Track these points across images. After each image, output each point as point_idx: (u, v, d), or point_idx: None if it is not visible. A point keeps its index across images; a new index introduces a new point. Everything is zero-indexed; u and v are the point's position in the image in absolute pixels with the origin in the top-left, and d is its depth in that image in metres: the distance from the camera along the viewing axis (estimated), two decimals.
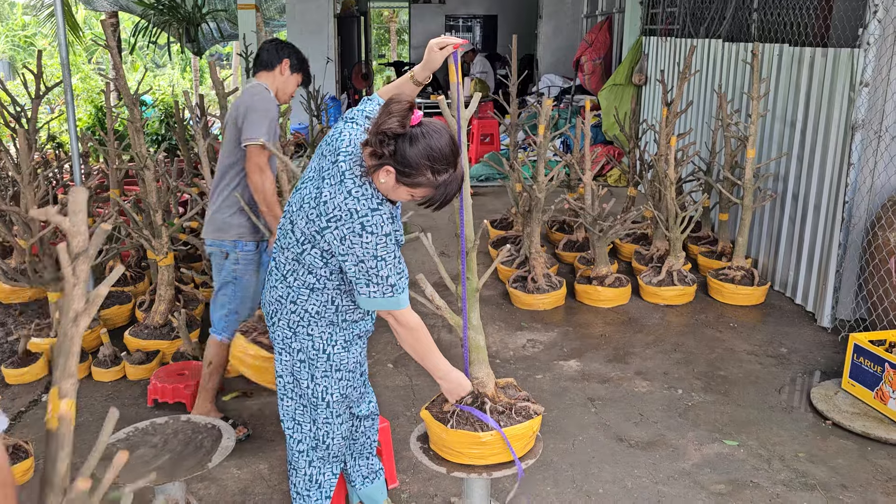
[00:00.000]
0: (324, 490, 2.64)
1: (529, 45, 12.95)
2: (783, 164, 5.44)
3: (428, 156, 2.11)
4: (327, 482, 2.64)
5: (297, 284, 2.36)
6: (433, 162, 2.12)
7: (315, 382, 2.44)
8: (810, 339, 4.68)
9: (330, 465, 2.62)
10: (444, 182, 2.15)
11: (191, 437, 2.56)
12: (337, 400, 2.49)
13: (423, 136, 2.12)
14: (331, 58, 11.22)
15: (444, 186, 2.16)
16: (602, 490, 3.18)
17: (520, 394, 2.59)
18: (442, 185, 2.16)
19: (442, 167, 2.13)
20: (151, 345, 4.31)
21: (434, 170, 2.13)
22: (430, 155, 2.11)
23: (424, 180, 2.14)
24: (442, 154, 2.12)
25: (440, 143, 2.13)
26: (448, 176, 2.15)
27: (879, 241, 4.38)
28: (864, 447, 3.49)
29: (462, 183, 2.24)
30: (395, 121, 2.11)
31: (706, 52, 6.83)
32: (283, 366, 2.48)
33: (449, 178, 2.16)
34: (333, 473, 2.65)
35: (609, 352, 4.53)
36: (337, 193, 2.19)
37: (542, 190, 5.18)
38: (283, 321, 2.41)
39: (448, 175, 2.15)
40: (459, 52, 2.31)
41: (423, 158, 2.11)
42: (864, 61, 4.41)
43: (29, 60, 15.21)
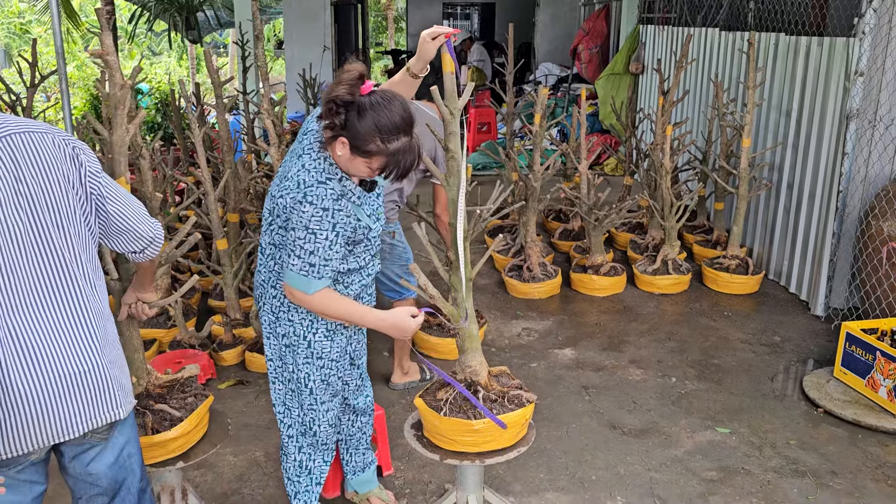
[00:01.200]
0: (314, 476, 2.67)
1: (527, 34, 12.92)
2: (778, 154, 5.45)
3: (376, 123, 2.09)
4: (317, 469, 2.67)
5: (276, 269, 2.38)
6: (382, 130, 2.10)
7: (298, 368, 2.47)
8: (804, 327, 4.71)
9: (320, 452, 2.65)
10: (396, 150, 2.13)
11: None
12: (319, 387, 2.50)
13: (371, 105, 2.10)
14: (327, 46, 11.19)
15: (398, 154, 2.13)
16: (595, 477, 3.21)
17: (513, 382, 2.61)
18: (394, 153, 2.13)
19: (392, 135, 2.11)
20: (148, 333, 4.33)
21: (384, 138, 2.11)
22: (377, 122, 2.09)
23: (375, 148, 2.12)
24: (391, 121, 2.10)
25: (389, 110, 2.11)
26: (400, 144, 2.13)
27: (873, 230, 4.40)
28: (854, 434, 3.53)
29: (417, 152, 2.19)
30: (344, 89, 2.10)
31: (703, 40, 6.82)
32: (271, 350, 2.51)
33: (402, 146, 2.13)
34: (324, 461, 2.68)
35: (603, 340, 4.55)
36: (293, 166, 2.23)
37: (537, 179, 5.19)
38: (267, 305, 2.44)
39: (400, 143, 2.12)
40: (453, 40, 2.31)
41: (371, 126, 2.09)
42: (860, 50, 4.41)
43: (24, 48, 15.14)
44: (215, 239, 4.37)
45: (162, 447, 2.38)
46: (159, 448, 2.38)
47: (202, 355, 4.07)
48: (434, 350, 4.28)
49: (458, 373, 2.55)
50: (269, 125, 4.28)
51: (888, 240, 4.29)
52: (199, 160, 4.15)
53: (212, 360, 4.13)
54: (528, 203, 5.28)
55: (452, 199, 2.36)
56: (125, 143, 2.39)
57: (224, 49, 20.72)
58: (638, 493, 3.11)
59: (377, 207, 2.41)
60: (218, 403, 3.73)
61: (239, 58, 8.16)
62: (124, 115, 2.37)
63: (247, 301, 4.71)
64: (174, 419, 2.41)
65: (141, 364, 2.47)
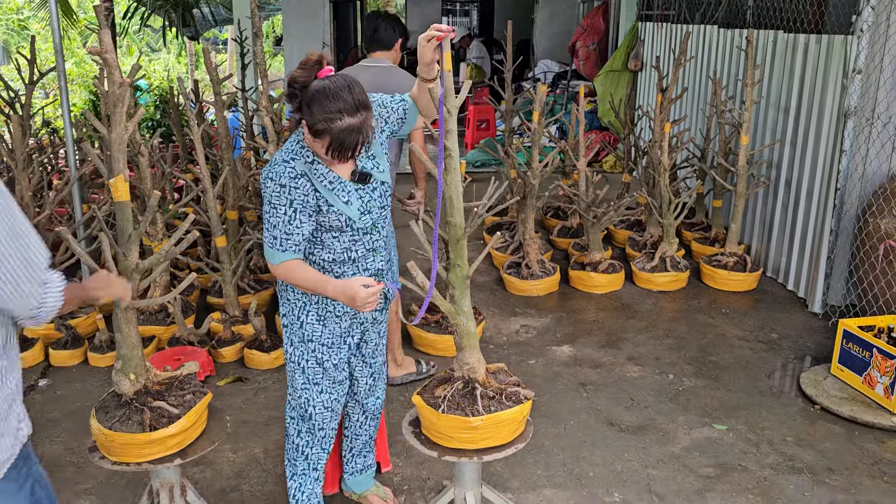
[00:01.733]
0: (310, 462, 2.71)
1: (526, 31, 12.90)
2: (776, 151, 5.46)
3: (322, 104, 2.18)
4: (314, 456, 2.71)
5: None
6: (326, 110, 2.17)
7: (294, 347, 2.54)
8: (801, 324, 4.73)
9: (319, 440, 2.67)
10: (339, 129, 2.19)
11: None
12: (312, 368, 2.54)
13: (321, 87, 2.20)
14: (326, 43, 11.17)
15: (341, 134, 2.19)
16: (592, 473, 3.22)
17: (510, 379, 2.62)
18: (338, 132, 2.19)
19: (336, 115, 2.18)
20: (147, 330, 4.34)
21: (328, 118, 2.18)
22: (323, 103, 2.18)
23: (323, 128, 2.19)
24: (336, 102, 2.17)
25: (336, 91, 2.18)
26: (344, 124, 2.19)
27: (870, 227, 4.41)
28: (851, 431, 3.54)
29: (363, 133, 2.24)
30: (301, 72, 2.23)
31: (702, 38, 6.82)
32: (282, 327, 2.59)
33: (345, 126, 2.19)
34: (323, 449, 2.70)
35: (602, 337, 4.56)
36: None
37: (536, 176, 5.19)
38: (278, 284, 2.55)
39: (344, 123, 2.18)
40: (449, 37, 2.32)
41: (318, 107, 2.18)
42: (858, 48, 4.41)
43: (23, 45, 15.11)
44: (214, 236, 4.38)
45: (160, 444, 2.39)
46: (157, 445, 2.39)
47: (201, 352, 4.07)
48: (432, 346, 4.29)
49: (455, 370, 2.56)
50: (267, 122, 4.30)
51: (885, 237, 4.30)
52: (197, 157, 4.15)
53: (211, 357, 4.14)
54: (526, 200, 5.29)
55: (450, 196, 2.37)
56: (124, 141, 2.40)
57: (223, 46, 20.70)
58: (635, 489, 3.12)
59: (369, 201, 2.42)
60: (217, 400, 3.74)
61: (238, 55, 8.16)
62: (123, 112, 2.37)
63: (246, 298, 4.71)
64: (172, 416, 2.42)
65: (139, 361, 2.48)
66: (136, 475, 3.15)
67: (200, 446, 2.50)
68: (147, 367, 2.52)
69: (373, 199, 2.43)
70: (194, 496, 2.65)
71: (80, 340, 4.30)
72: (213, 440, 2.54)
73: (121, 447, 2.38)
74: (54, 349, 4.21)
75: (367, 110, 2.24)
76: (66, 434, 3.52)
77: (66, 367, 4.20)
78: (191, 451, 2.47)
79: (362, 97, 2.23)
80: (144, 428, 2.36)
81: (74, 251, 2.44)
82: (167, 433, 2.38)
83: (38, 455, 3.31)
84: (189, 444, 2.48)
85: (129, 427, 2.37)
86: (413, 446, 2.54)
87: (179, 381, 2.59)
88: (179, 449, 2.45)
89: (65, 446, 3.42)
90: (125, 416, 2.40)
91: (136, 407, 2.41)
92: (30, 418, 1.85)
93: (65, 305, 1.79)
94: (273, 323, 4.67)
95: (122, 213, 2.43)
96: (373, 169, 2.43)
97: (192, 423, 2.46)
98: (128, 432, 2.36)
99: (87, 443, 2.54)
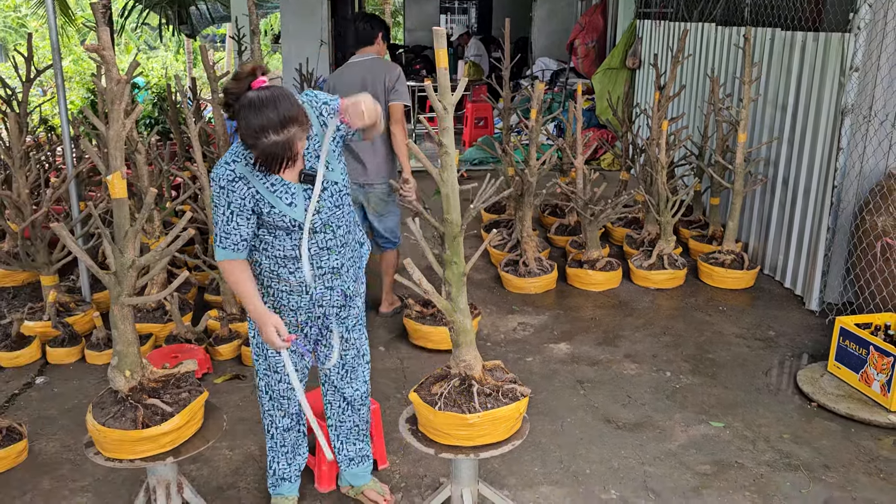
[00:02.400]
0: (276, 440, 2.84)
1: (524, 29, 12.88)
2: (774, 149, 5.46)
3: (249, 119, 2.18)
4: (279, 435, 2.83)
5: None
6: (251, 126, 2.17)
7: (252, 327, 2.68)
8: (798, 322, 4.73)
9: (280, 419, 2.80)
10: (264, 146, 2.19)
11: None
12: (256, 347, 2.69)
13: (251, 101, 2.19)
14: (324, 40, 11.16)
15: (266, 150, 2.20)
16: (589, 470, 3.23)
17: (507, 376, 2.63)
18: (263, 149, 2.20)
19: (261, 133, 2.17)
20: (144, 328, 4.34)
21: (254, 134, 2.18)
22: (249, 119, 2.17)
23: (251, 142, 2.21)
24: (261, 120, 2.16)
25: (264, 108, 2.17)
26: (269, 141, 2.18)
27: (867, 225, 4.41)
28: (847, 429, 3.55)
29: (285, 151, 2.22)
30: (234, 83, 2.24)
31: (699, 36, 6.82)
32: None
33: (269, 144, 2.19)
34: (285, 428, 2.82)
35: (599, 335, 4.57)
36: None
37: (533, 174, 5.19)
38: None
39: (269, 140, 2.18)
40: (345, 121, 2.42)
41: (245, 121, 2.19)
42: (855, 46, 4.42)
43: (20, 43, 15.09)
44: (211, 234, 4.38)
45: (152, 441, 2.38)
46: (150, 442, 2.38)
47: (198, 350, 4.08)
48: (426, 339, 4.30)
49: (452, 367, 2.56)
50: None
51: (882, 235, 4.31)
52: (195, 155, 4.15)
53: (208, 354, 4.14)
54: (524, 198, 5.29)
55: (446, 194, 2.37)
56: (121, 139, 2.40)
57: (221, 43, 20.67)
58: (632, 486, 3.12)
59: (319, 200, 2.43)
60: (214, 398, 3.74)
61: (235, 52, 8.15)
62: (121, 109, 2.37)
63: None
64: (165, 414, 2.41)
65: (135, 358, 2.48)
66: (132, 472, 3.15)
67: (195, 444, 2.50)
68: (143, 364, 2.52)
69: (323, 199, 2.45)
70: (191, 493, 2.65)
71: (78, 338, 4.29)
72: (208, 438, 2.53)
73: (114, 444, 2.38)
74: (51, 347, 4.21)
75: (295, 124, 2.21)
76: (62, 431, 3.52)
77: (63, 365, 4.19)
78: (186, 449, 2.47)
79: (290, 112, 2.20)
80: (137, 425, 2.36)
81: (70, 248, 2.44)
82: (160, 431, 2.38)
83: (35, 452, 3.32)
84: (185, 442, 2.48)
85: (123, 424, 2.37)
86: (410, 443, 2.55)
87: (176, 378, 2.59)
88: (173, 447, 2.45)
89: (62, 444, 3.42)
90: (119, 413, 2.40)
91: (131, 404, 2.41)
92: (26, 416, 1.85)
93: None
94: None
95: (119, 210, 2.43)
96: (322, 168, 2.42)
97: (185, 422, 2.45)
98: (121, 429, 2.36)
99: (83, 440, 2.54)
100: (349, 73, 4.28)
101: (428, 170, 2.41)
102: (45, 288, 4.49)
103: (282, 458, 2.88)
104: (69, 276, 5.01)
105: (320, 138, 2.43)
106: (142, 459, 2.40)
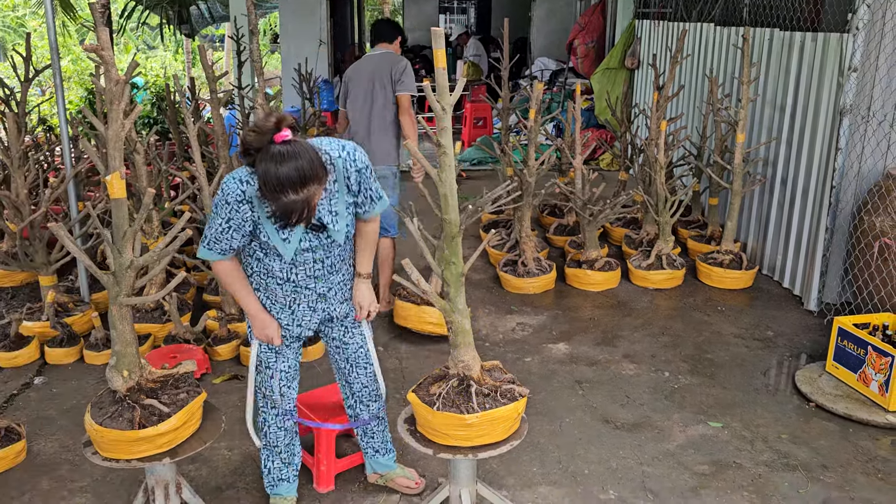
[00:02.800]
0: (269, 439, 2.85)
1: (523, 28, 12.89)
2: (772, 149, 5.47)
3: (268, 176, 2.18)
4: (272, 435, 2.84)
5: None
6: (269, 183, 2.18)
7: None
8: (797, 322, 4.74)
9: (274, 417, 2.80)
10: (283, 204, 2.21)
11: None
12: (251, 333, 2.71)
13: (272, 157, 2.18)
14: (323, 41, 11.16)
15: (285, 207, 2.22)
16: (588, 471, 3.23)
17: (505, 376, 2.63)
18: (282, 206, 2.22)
19: (280, 191, 2.18)
20: (142, 328, 4.34)
21: (274, 190, 2.19)
22: (269, 175, 2.18)
23: (269, 197, 2.22)
24: (281, 178, 2.17)
25: (285, 166, 2.17)
26: (287, 200, 2.20)
27: (866, 225, 4.42)
28: (846, 429, 3.55)
29: (304, 209, 2.25)
30: (254, 136, 2.23)
31: (698, 36, 6.83)
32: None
33: (288, 202, 2.20)
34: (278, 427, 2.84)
35: (597, 335, 4.57)
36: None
37: (532, 174, 5.19)
38: None
39: (287, 199, 2.20)
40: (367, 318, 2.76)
41: (264, 177, 2.19)
42: (853, 46, 4.42)
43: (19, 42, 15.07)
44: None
45: (149, 442, 2.38)
46: (146, 443, 2.38)
47: (197, 350, 4.08)
48: (407, 320, 4.37)
49: (450, 367, 2.56)
50: None
51: (880, 235, 4.31)
52: (193, 155, 4.15)
53: (206, 354, 4.14)
54: (523, 198, 5.29)
55: (444, 194, 2.37)
56: (120, 139, 2.39)
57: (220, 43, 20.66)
58: (630, 486, 3.13)
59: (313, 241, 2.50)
60: (212, 398, 3.74)
61: (234, 52, 8.14)
62: (120, 109, 2.37)
63: None
64: (162, 415, 2.41)
65: (133, 358, 2.48)
66: (131, 473, 3.15)
67: (193, 445, 2.49)
68: (142, 364, 2.52)
69: (318, 243, 2.52)
70: (190, 494, 2.65)
71: (76, 338, 4.29)
72: (206, 439, 2.53)
73: (111, 443, 2.38)
74: (50, 347, 4.21)
75: (315, 182, 2.22)
76: (61, 432, 3.52)
77: (61, 365, 4.19)
78: (182, 450, 2.46)
79: (310, 171, 2.20)
80: (134, 426, 2.35)
81: (69, 248, 2.43)
82: (156, 431, 2.37)
83: (33, 452, 3.32)
84: (183, 442, 2.48)
85: (120, 424, 2.37)
86: (408, 444, 2.55)
87: (175, 379, 2.58)
88: (170, 448, 2.45)
89: (60, 444, 3.42)
90: (117, 413, 2.40)
91: (128, 404, 2.41)
92: (25, 416, 1.85)
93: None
94: None
95: (118, 210, 2.42)
96: (329, 223, 2.47)
97: (182, 423, 2.44)
98: (118, 429, 2.36)
99: (82, 440, 2.54)
100: (363, 64, 4.69)
101: (427, 170, 2.41)
102: (44, 288, 4.49)
103: (276, 458, 2.88)
104: (68, 277, 5.01)
105: (340, 196, 2.48)
106: (139, 460, 2.39)
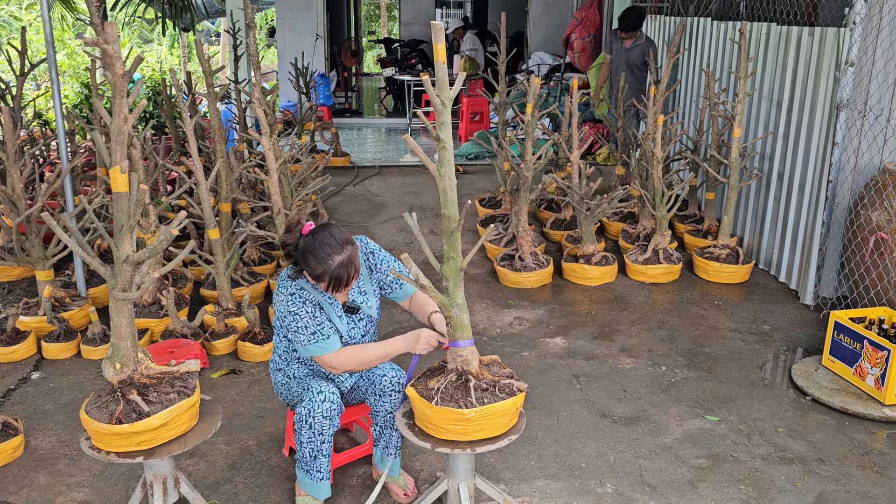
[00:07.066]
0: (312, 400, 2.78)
1: (520, 23, 12.87)
2: (769, 144, 5.48)
3: (315, 254, 2.59)
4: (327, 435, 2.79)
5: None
6: (318, 258, 2.58)
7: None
8: (793, 316, 4.75)
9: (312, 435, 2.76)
10: (334, 267, 2.58)
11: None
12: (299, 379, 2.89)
13: (308, 243, 2.61)
14: (320, 34, 11.13)
15: (338, 269, 2.59)
16: (585, 464, 3.24)
17: (504, 371, 2.63)
18: (334, 270, 2.58)
19: (328, 258, 2.57)
20: (140, 323, 4.33)
21: (323, 262, 2.57)
22: (315, 253, 2.59)
23: (321, 271, 2.58)
24: (324, 248, 2.58)
25: (321, 240, 2.59)
26: (336, 261, 2.58)
27: (862, 219, 4.43)
28: (842, 422, 3.57)
29: (353, 265, 2.62)
30: (287, 235, 2.68)
31: (695, 30, 6.83)
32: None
33: (338, 263, 2.59)
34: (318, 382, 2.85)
35: (595, 329, 4.58)
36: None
37: (529, 168, 5.20)
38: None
39: (335, 261, 2.58)
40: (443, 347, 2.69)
41: (312, 257, 2.59)
42: (850, 41, 4.42)
43: (14, 36, 15.00)
44: (207, 229, 4.37)
45: (125, 438, 2.34)
46: (123, 438, 2.34)
47: (194, 345, 4.07)
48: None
49: (449, 362, 2.57)
50: (260, 114, 4.28)
51: (876, 229, 4.32)
52: (190, 149, 4.14)
53: (204, 349, 4.13)
54: (519, 192, 5.29)
55: (443, 189, 2.37)
56: (123, 132, 2.38)
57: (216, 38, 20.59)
58: (627, 480, 3.14)
59: (352, 328, 2.80)
60: (210, 393, 3.75)
61: (231, 46, 8.12)
62: (123, 103, 2.35)
63: (239, 290, 4.71)
64: (142, 413, 2.36)
65: (127, 352, 2.44)
66: (129, 467, 3.15)
67: (193, 438, 2.47)
68: (139, 359, 2.48)
69: (356, 328, 2.81)
70: (188, 488, 2.65)
71: (73, 333, 4.29)
72: (204, 433, 2.51)
73: (94, 434, 2.37)
74: (47, 342, 4.20)
75: (351, 244, 2.64)
76: (58, 426, 3.51)
77: (58, 360, 4.19)
78: (160, 451, 2.42)
79: (343, 235, 2.64)
80: (112, 420, 2.33)
81: (63, 239, 2.42)
82: (130, 429, 2.33)
83: (31, 447, 3.32)
84: (173, 440, 2.44)
85: (102, 416, 2.34)
86: (407, 438, 2.55)
87: (172, 377, 2.53)
88: (148, 447, 2.40)
89: (58, 439, 3.42)
90: (104, 404, 2.38)
91: (116, 397, 2.39)
92: (22, 411, 1.84)
93: None
94: (266, 315, 4.67)
95: (119, 204, 2.41)
96: (363, 303, 2.81)
97: (162, 423, 2.38)
98: (99, 421, 2.34)
99: (80, 435, 2.53)
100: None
101: (428, 168, 2.40)
102: (41, 283, 4.48)
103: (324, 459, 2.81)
104: (64, 272, 5.00)
105: (365, 277, 2.85)
106: (116, 454, 2.37)
